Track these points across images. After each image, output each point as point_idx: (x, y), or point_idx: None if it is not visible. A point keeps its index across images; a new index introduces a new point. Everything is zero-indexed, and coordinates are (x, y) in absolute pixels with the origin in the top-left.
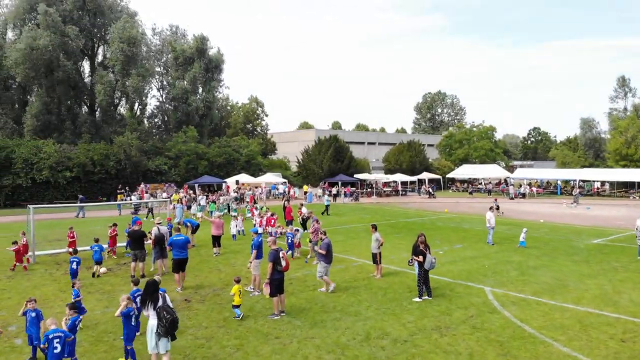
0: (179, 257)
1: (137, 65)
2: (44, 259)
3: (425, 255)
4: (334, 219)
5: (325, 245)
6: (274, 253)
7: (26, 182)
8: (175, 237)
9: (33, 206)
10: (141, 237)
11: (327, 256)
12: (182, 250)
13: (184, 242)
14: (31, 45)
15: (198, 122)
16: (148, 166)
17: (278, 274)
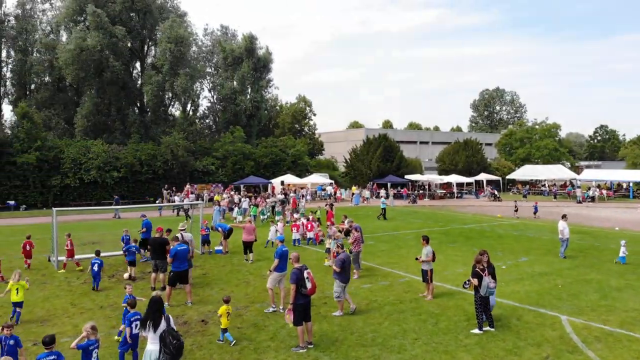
0: (179, 269)
1: (186, 65)
2: (69, 265)
3: (482, 278)
4: (380, 224)
5: (339, 261)
6: (297, 273)
7: (74, 182)
8: (178, 247)
9: (56, 209)
10: (163, 244)
11: (342, 274)
12: (183, 262)
13: (187, 253)
14: (80, 46)
15: (246, 122)
16: (195, 166)
17: (303, 298)
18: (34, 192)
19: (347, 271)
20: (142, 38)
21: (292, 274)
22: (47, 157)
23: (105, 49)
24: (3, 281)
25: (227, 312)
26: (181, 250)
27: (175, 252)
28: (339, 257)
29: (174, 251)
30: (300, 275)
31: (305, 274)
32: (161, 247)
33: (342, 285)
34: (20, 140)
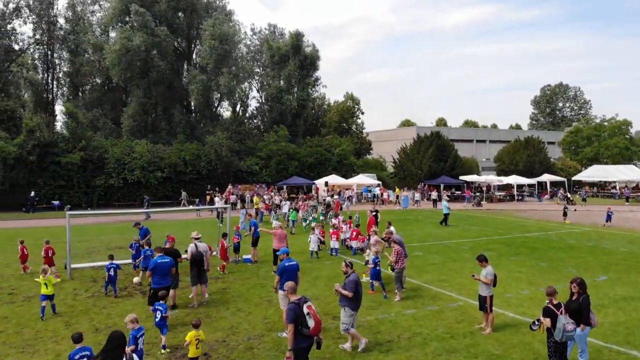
0: (159, 286)
1: (230, 64)
2: (85, 273)
3: (556, 318)
4: (431, 231)
5: (351, 284)
6: (294, 308)
7: (118, 182)
8: (158, 259)
9: (70, 212)
10: (174, 257)
11: (353, 300)
12: (165, 277)
13: (169, 266)
14: (125, 46)
15: (292, 121)
16: (239, 166)
17: (305, 340)
18: (79, 192)
19: (359, 296)
20: (188, 37)
21: (287, 310)
22: (91, 157)
23: (150, 49)
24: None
25: (196, 339)
26: (162, 264)
27: (154, 265)
28: (349, 278)
29: (152, 264)
30: (299, 311)
31: (306, 308)
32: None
33: (353, 314)
34: (65, 140)
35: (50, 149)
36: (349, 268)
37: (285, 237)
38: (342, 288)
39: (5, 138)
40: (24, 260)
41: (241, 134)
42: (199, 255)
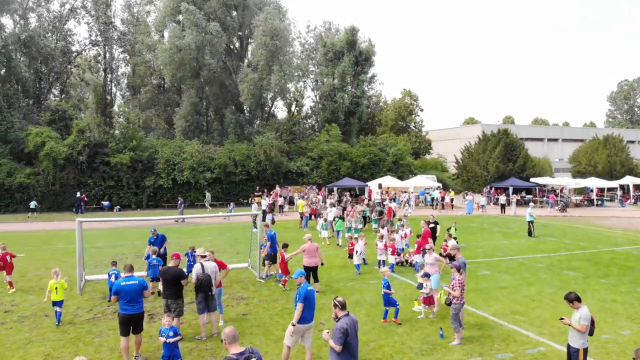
0: (126, 313)
1: (281, 60)
2: (99, 287)
3: None
4: (499, 242)
5: (339, 332)
6: None
7: (167, 182)
8: (123, 281)
9: (80, 219)
10: (177, 278)
11: (344, 356)
12: (133, 303)
13: (137, 290)
14: (176, 45)
15: (345, 120)
16: (289, 167)
17: None
18: (128, 192)
19: (352, 350)
20: (240, 35)
21: None
22: (140, 157)
23: (201, 47)
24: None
25: None
26: (127, 287)
27: (116, 288)
28: (337, 325)
29: (115, 287)
30: None
31: None
32: (174, 281)
33: None
34: (116, 140)
35: (100, 149)
36: (338, 310)
37: (317, 250)
38: (330, 337)
39: (56, 138)
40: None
41: (294, 134)
42: (206, 278)
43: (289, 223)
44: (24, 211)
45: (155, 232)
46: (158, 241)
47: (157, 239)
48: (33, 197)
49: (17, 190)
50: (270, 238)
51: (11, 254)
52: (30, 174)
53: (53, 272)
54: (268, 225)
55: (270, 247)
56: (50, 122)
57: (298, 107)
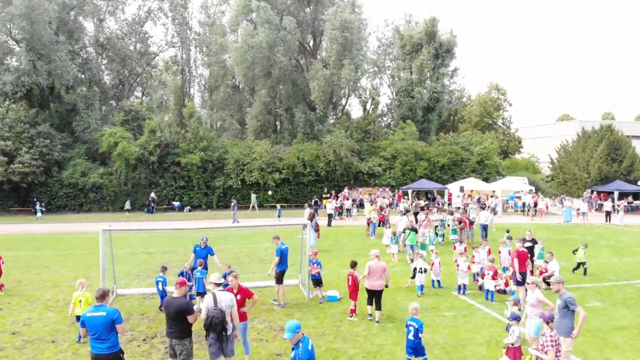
0: (95, 352)
1: (353, 54)
2: (127, 305)
3: None
4: (609, 260)
5: None
6: None
7: (236, 183)
8: (89, 312)
9: (104, 228)
10: (182, 313)
11: None
12: (101, 341)
13: (103, 324)
14: (248, 44)
15: (423, 116)
16: (360, 167)
17: None
18: (199, 193)
19: None
20: (313, 31)
21: None
22: (211, 158)
23: (273, 45)
24: None
25: None
26: (91, 319)
27: (82, 319)
28: None
29: (82, 318)
30: None
31: None
32: (179, 317)
33: None
34: (187, 140)
35: (171, 149)
36: None
37: (384, 271)
38: None
39: (128, 139)
40: None
41: (368, 133)
42: (217, 315)
43: (355, 229)
44: (97, 211)
45: (205, 242)
46: (204, 252)
47: (203, 250)
48: (106, 196)
49: (91, 190)
50: (279, 253)
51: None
52: (104, 173)
53: (78, 283)
54: (278, 237)
55: (279, 263)
56: (124, 123)
57: (374, 105)
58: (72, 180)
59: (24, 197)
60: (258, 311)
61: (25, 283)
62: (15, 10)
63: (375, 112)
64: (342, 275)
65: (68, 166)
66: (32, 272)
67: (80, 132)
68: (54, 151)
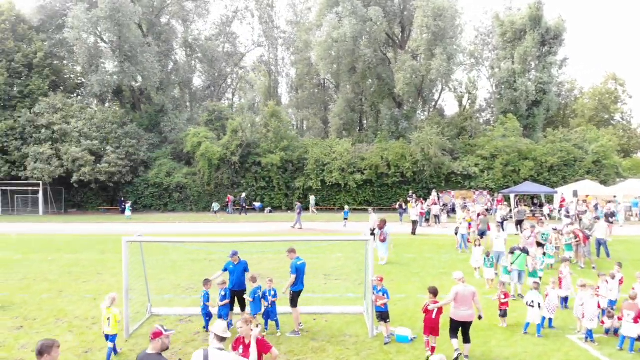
0: None
1: (446, 44)
2: None
3: None
4: None
5: None
6: None
7: (316, 184)
8: None
9: (127, 239)
10: None
11: None
12: None
13: None
14: (332, 37)
15: (527, 111)
16: (452, 168)
17: None
18: (279, 194)
19: None
20: (400, 21)
21: None
22: (291, 158)
23: (358, 38)
24: None
25: None
26: None
27: None
28: None
29: None
30: None
31: None
32: None
33: None
34: (268, 140)
35: (253, 149)
36: None
37: (474, 297)
38: None
39: (212, 139)
40: None
41: (464, 130)
42: None
43: (444, 240)
44: (181, 210)
45: (236, 257)
46: (240, 268)
47: (237, 266)
48: (190, 196)
49: (175, 190)
50: (295, 270)
51: None
52: (187, 174)
53: (108, 297)
54: (293, 250)
55: (294, 283)
56: (208, 123)
57: (471, 100)
58: (157, 180)
59: (112, 197)
60: (308, 350)
61: (66, 293)
62: (101, 12)
63: (473, 108)
64: (421, 302)
65: (154, 166)
66: (81, 279)
67: (167, 133)
68: (140, 151)
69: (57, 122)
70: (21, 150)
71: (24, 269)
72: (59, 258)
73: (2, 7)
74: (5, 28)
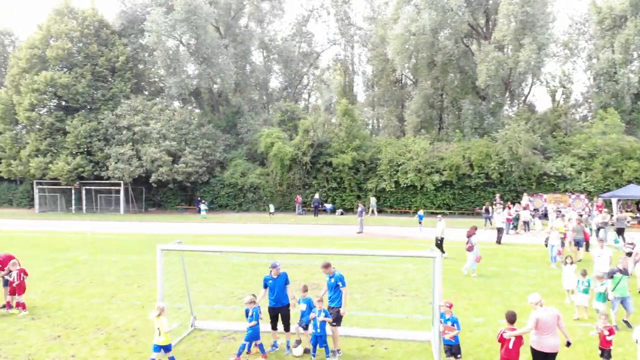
0: None
1: (535, 33)
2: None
3: None
4: None
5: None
6: None
7: (390, 186)
8: None
9: (162, 247)
10: None
11: None
12: None
13: None
14: (409, 30)
15: (631, 105)
16: (544, 169)
17: None
18: (351, 195)
19: None
20: (484, 10)
21: None
22: (363, 158)
23: (437, 29)
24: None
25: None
26: None
27: None
28: None
29: None
30: None
31: None
32: None
33: None
34: (339, 139)
35: (324, 149)
36: None
37: (558, 321)
38: None
39: (284, 139)
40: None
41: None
42: None
43: (535, 252)
44: (254, 210)
45: (277, 269)
46: (281, 282)
47: (277, 280)
48: (263, 197)
49: (249, 190)
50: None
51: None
52: (261, 174)
53: (157, 307)
54: (328, 265)
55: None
56: (280, 123)
57: (565, 94)
58: (232, 180)
59: (190, 196)
60: None
61: (117, 299)
62: (178, 15)
63: (568, 103)
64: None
65: (229, 166)
66: (136, 283)
67: (244, 134)
68: (216, 152)
69: (138, 123)
70: (104, 150)
71: (86, 270)
72: (123, 259)
73: (86, 12)
74: (89, 33)
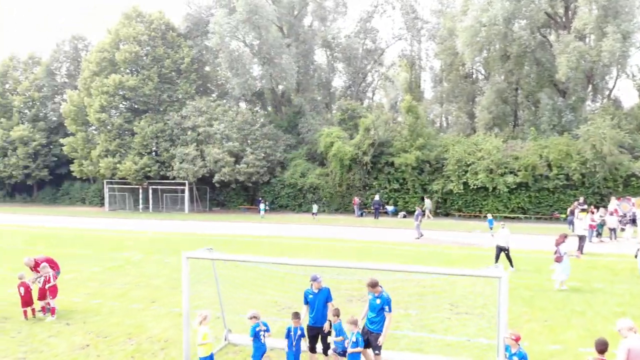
0: None
1: (620, 20)
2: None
3: None
4: None
5: None
6: None
7: (458, 187)
8: None
9: (188, 254)
10: None
11: None
12: None
13: None
14: (480, 21)
15: None
16: (632, 169)
17: None
18: (414, 197)
19: None
20: None
21: None
22: (428, 157)
23: (510, 19)
24: None
25: None
26: None
27: None
28: None
29: None
30: None
31: None
32: None
33: None
34: (402, 138)
35: (385, 148)
36: None
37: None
38: None
39: (344, 138)
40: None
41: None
42: None
43: (623, 264)
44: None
45: (318, 282)
46: (322, 297)
47: (318, 295)
48: (322, 197)
49: (309, 190)
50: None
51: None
52: (320, 174)
53: (199, 314)
54: (375, 283)
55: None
56: (340, 122)
57: None
58: (292, 181)
59: (252, 196)
60: None
61: (157, 304)
62: (240, 16)
63: None
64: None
65: (290, 166)
66: (180, 288)
67: (304, 134)
68: (277, 152)
69: (202, 124)
70: (169, 151)
71: (136, 271)
72: (175, 261)
73: (153, 16)
74: (155, 36)
